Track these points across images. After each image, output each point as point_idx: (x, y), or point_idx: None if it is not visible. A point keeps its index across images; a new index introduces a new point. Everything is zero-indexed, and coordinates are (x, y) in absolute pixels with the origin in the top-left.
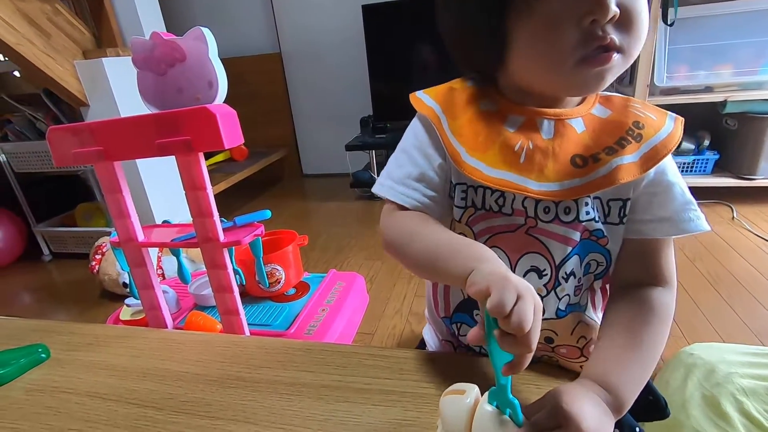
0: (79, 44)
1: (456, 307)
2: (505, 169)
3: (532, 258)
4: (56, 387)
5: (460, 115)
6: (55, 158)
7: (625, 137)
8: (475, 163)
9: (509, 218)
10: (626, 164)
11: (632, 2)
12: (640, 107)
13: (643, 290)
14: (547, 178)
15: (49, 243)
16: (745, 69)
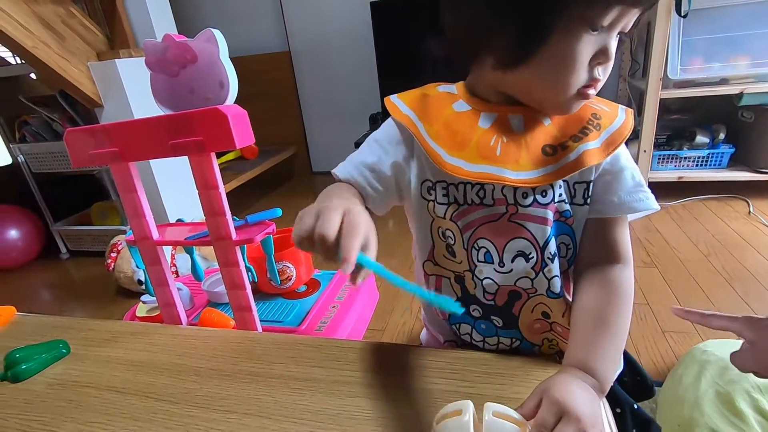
0: (93, 46)
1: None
2: (483, 163)
3: (517, 243)
4: (77, 381)
5: (436, 120)
6: (72, 159)
7: (587, 126)
8: (455, 161)
9: (491, 209)
10: (591, 149)
11: (614, 47)
12: (595, 101)
13: (604, 269)
14: (523, 167)
15: (66, 241)
16: (762, 60)
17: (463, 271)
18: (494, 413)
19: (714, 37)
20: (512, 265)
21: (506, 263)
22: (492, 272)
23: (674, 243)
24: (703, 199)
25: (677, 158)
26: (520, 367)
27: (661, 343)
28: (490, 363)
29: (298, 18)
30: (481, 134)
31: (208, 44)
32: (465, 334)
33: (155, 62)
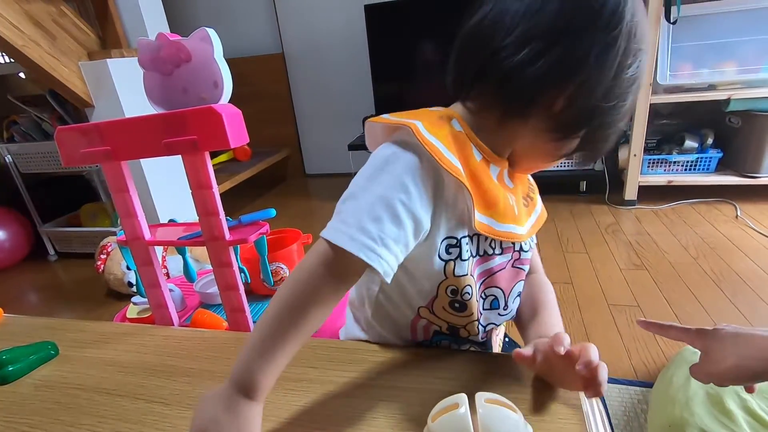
0: (84, 46)
1: (433, 333)
2: (509, 223)
3: (519, 286)
4: (66, 383)
5: (468, 164)
6: (63, 158)
7: (530, 182)
8: (486, 220)
9: (502, 257)
10: (540, 203)
11: None
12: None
13: (534, 276)
14: (525, 221)
15: (54, 243)
16: (749, 67)
17: (465, 324)
18: (486, 401)
19: (702, 43)
20: (512, 306)
21: (509, 306)
22: (496, 317)
23: (664, 246)
24: (692, 202)
25: (667, 162)
26: (514, 367)
27: (652, 345)
28: (484, 362)
29: (292, 20)
30: (500, 191)
31: (202, 43)
32: (443, 344)
33: (149, 61)
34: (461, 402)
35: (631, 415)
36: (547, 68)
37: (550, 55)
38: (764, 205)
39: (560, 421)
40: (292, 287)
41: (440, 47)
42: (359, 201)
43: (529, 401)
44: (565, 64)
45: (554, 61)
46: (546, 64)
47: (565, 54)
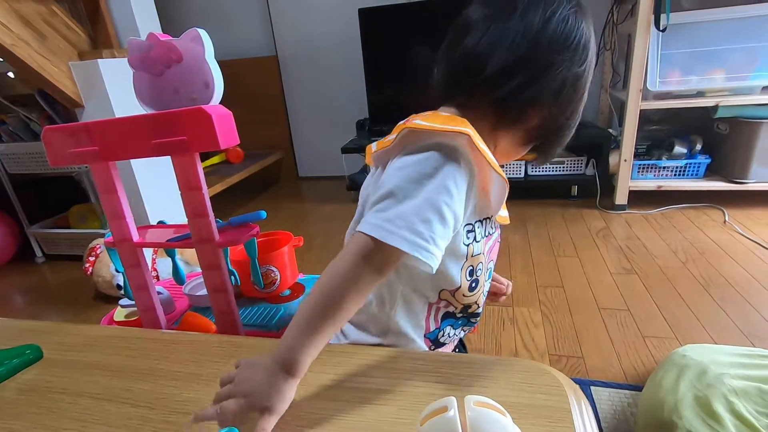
0: (75, 45)
1: (443, 317)
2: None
3: (499, 255)
4: (49, 387)
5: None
6: (50, 158)
7: None
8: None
9: (494, 234)
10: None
11: None
12: None
13: None
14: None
15: (42, 245)
16: (737, 74)
17: (476, 300)
18: (476, 404)
19: (691, 51)
20: (495, 273)
21: (492, 273)
22: (489, 285)
23: (654, 250)
24: (681, 207)
25: (656, 168)
26: (503, 370)
27: (641, 348)
28: (474, 365)
29: (286, 22)
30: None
31: (193, 44)
32: (445, 336)
33: (139, 61)
34: (450, 405)
35: (621, 418)
36: (535, 93)
37: (538, 83)
38: (751, 210)
39: (549, 425)
40: (332, 277)
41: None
42: (408, 203)
43: (518, 404)
44: (548, 90)
45: (540, 88)
46: (534, 90)
47: (550, 82)
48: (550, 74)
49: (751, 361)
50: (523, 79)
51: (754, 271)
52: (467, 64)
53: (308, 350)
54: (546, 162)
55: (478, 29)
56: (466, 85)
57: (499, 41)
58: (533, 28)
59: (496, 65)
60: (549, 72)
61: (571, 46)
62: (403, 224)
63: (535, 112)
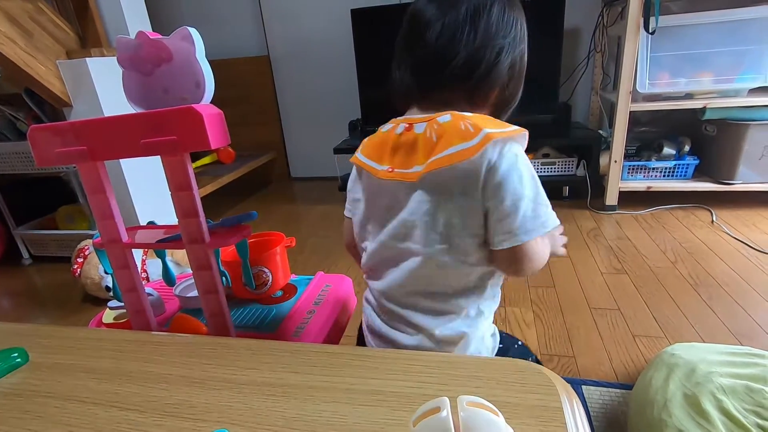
0: (63, 44)
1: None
2: None
3: None
4: (35, 391)
5: None
6: (36, 158)
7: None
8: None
9: None
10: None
11: None
12: None
13: None
14: None
15: (29, 246)
16: (724, 77)
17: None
18: (468, 404)
19: (680, 53)
20: None
21: None
22: None
23: (643, 250)
24: (669, 208)
25: (646, 169)
26: (496, 370)
27: (632, 348)
28: (466, 366)
29: (278, 22)
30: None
31: (183, 43)
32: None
33: (128, 60)
34: (443, 405)
35: (612, 417)
36: (496, 75)
37: (497, 66)
38: (738, 210)
39: (541, 424)
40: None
41: None
42: (544, 198)
43: (511, 404)
44: (504, 70)
45: (499, 70)
46: (495, 73)
47: (504, 63)
48: (503, 57)
49: (739, 360)
50: (484, 66)
51: (741, 271)
52: (435, 60)
53: None
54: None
55: (433, 26)
56: (438, 80)
57: (456, 35)
58: (481, 20)
59: (460, 58)
60: (501, 55)
61: (512, 29)
62: (550, 212)
63: (496, 91)
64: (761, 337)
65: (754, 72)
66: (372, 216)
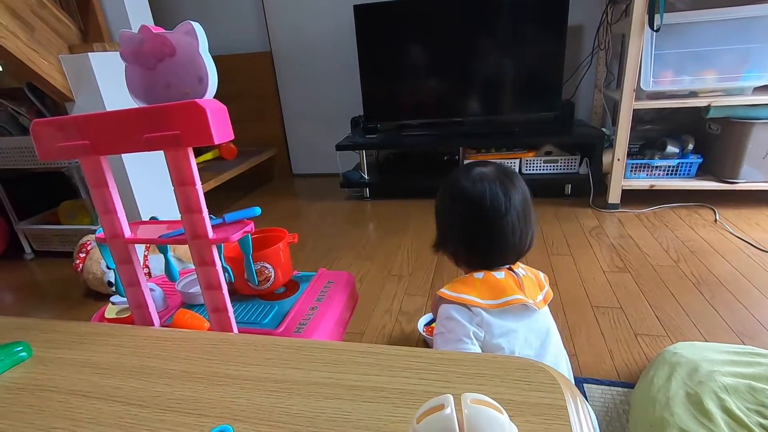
0: (65, 38)
1: None
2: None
3: None
4: (38, 385)
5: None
6: (39, 152)
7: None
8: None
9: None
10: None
11: None
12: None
13: None
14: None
15: (31, 241)
16: (728, 75)
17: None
18: (472, 401)
19: (684, 51)
20: None
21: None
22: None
23: (646, 249)
24: (672, 206)
25: (649, 167)
26: (499, 368)
27: (634, 346)
28: (470, 364)
29: (281, 18)
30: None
31: (187, 37)
32: None
33: (131, 54)
34: (447, 403)
35: (614, 416)
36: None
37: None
38: (741, 209)
39: (545, 422)
40: None
41: (429, 49)
42: None
43: (515, 402)
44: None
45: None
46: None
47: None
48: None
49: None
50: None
51: (744, 270)
52: (515, 251)
53: None
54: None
55: (508, 216)
56: (514, 258)
57: (526, 227)
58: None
59: (527, 245)
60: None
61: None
62: None
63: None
64: (764, 336)
65: (759, 70)
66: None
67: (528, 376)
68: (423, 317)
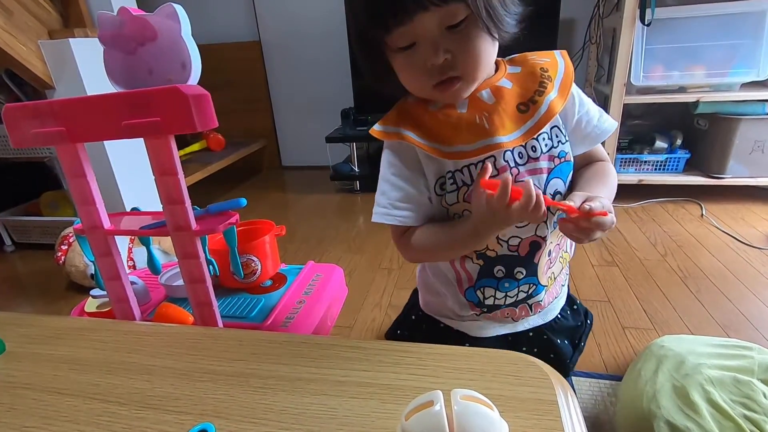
0: (45, 24)
1: (478, 275)
2: (479, 139)
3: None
4: (11, 382)
5: (421, 123)
6: (12, 139)
7: (543, 80)
8: (456, 148)
9: (497, 178)
10: (554, 98)
11: (461, 46)
12: (536, 57)
13: (596, 163)
14: (509, 129)
15: (11, 233)
16: (716, 71)
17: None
18: (462, 397)
19: (674, 46)
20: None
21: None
22: (514, 230)
23: (634, 243)
24: (660, 201)
25: (638, 162)
26: (489, 363)
27: (621, 339)
28: (460, 358)
29: (270, 6)
30: (465, 118)
31: (168, 20)
32: (489, 297)
33: (110, 38)
34: (436, 399)
35: (601, 408)
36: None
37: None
38: (727, 204)
39: (536, 417)
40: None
41: None
42: (378, 187)
43: (505, 397)
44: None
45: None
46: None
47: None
48: None
49: (727, 352)
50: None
51: (730, 264)
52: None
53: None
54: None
55: None
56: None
57: None
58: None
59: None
60: None
61: None
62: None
63: None
64: (748, 330)
65: (747, 66)
66: None
67: (519, 370)
68: None
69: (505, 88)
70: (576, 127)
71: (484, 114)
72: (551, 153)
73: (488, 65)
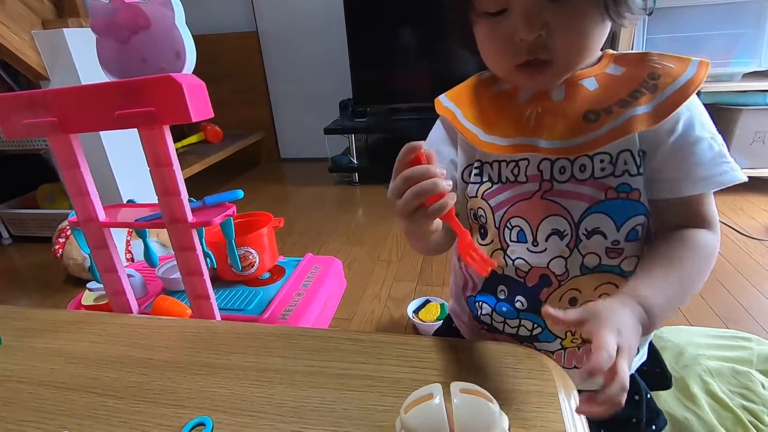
0: (38, 13)
1: (482, 286)
2: (516, 135)
3: (552, 221)
4: (7, 376)
5: (473, 104)
6: (3, 130)
7: (638, 89)
8: (491, 139)
9: (524, 186)
10: (639, 115)
11: (563, 23)
12: (658, 59)
13: (685, 230)
14: (558, 136)
15: (8, 226)
16: (718, 61)
17: (492, 252)
18: (462, 391)
19: (675, 36)
20: (546, 244)
21: (540, 242)
22: (524, 252)
23: None
24: None
25: None
26: (490, 355)
27: None
28: (459, 351)
29: None
30: (517, 108)
31: (162, 8)
32: (485, 314)
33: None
34: (436, 392)
35: None
36: None
37: None
38: (727, 196)
39: (536, 410)
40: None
41: (419, 31)
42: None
43: (505, 390)
44: None
45: None
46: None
47: None
48: None
49: (726, 343)
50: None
51: (729, 255)
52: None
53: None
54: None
55: None
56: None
57: None
58: None
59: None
60: None
61: None
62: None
63: None
64: (746, 321)
65: (749, 56)
66: None
67: (519, 363)
68: (412, 303)
69: (584, 88)
70: (665, 161)
71: (538, 109)
72: (605, 181)
73: (591, 53)
